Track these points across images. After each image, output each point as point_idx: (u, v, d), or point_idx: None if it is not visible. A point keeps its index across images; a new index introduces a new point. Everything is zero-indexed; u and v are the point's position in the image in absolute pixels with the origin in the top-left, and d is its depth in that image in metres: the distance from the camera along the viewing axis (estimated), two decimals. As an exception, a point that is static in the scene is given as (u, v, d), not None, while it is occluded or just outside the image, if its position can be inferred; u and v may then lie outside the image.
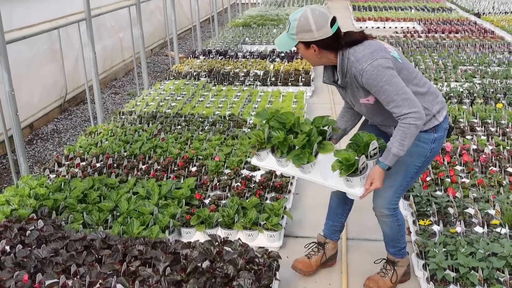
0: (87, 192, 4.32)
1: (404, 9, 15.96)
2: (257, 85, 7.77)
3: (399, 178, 3.12)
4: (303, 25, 2.86)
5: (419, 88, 2.99)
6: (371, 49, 2.87)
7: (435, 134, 3.06)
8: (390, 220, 3.27)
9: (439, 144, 3.11)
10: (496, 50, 9.77)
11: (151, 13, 11.65)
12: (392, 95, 2.81)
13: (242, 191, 4.36)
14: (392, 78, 2.81)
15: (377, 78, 2.80)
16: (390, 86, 2.80)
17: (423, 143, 3.04)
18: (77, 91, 8.37)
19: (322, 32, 2.86)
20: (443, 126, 3.09)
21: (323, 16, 2.87)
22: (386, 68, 2.81)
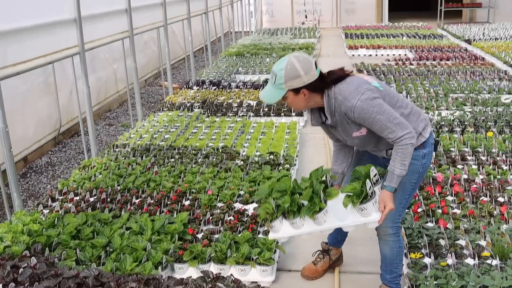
0: (81, 228, 4.33)
1: (396, 36, 16.13)
2: (250, 116, 7.83)
3: (399, 196, 3.24)
4: (291, 73, 2.97)
5: (403, 110, 3.14)
6: (355, 85, 3.02)
7: (424, 150, 3.21)
8: (393, 240, 3.39)
9: (429, 159, 3.26)
10: (486, 77, 9.88)
11: (145, 44, 11.76)
12: (385, 123, 2.96)
13: (235, 225, 4.38)
14: (382, 107, 2.96)
15: (368, 111, 2.94)
16: (381, 116, 2.95)
17: (414, 160, 3.16)
18: (72, 123, 8.41)
19: (310, 75, 3.00)
20: (429, 141, 3.24)
21: (307, 61, 3.02)
22: (373, 99, 2.96)
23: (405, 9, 25.39)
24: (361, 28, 18.63)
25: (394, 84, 9.46)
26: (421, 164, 3.22)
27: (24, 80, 6.94)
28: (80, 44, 6.23)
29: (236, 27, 17.70)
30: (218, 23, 14.94)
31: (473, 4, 21.49)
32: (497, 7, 20.61)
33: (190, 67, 11.62)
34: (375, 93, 3.00)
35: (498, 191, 4.94)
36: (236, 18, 17.73)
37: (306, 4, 21.12)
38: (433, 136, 3.31)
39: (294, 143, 6.49)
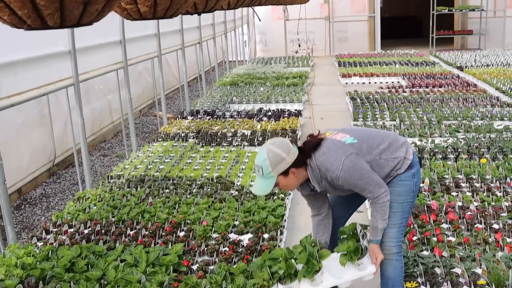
0: (75, 260, 4.31)
1: (389, 64, 16.27)
2: (244, 146, 7.85)
3: (399, 216, 3.41)
4: (275, 159, 3.15)
5: (381, 146, 3.37)
6: (334, 155, 3.22)
7: (412, 170, 3.41)
8: (396, 259, 3.50)
9: (418, 176, 3.46)
10: (479, 104, 9.95)
11: (139, 74, 11.83)
12: (365, 186, 3.23)
13: (230, 256, 4.37)
14: (362, 171, 3.21)
15: (350, 179, 3.20)
16: (361, 181, 3.21)
17: (406, 181, 3.40)
18: (66, 154, 8.41)
19: (292, 154, 3.19)
20: (414, 160, 3.45)
21: (284, 143, 3.24)
22: (354, 165, 3.19)
23: (397, 37, 25.62)
24: (354, 56, 18.79)
25: (388, 112, 9.52)
26: (413, 183, 3.42)
27: (19, 111, 6.96)
28: (75, 76, 6.27)
29: (230, 56, 17.83)
30: (212, 53, 15.06)
31: (464, 31, 21.71)
32: (488, 34, 20.84)
33: (184, 97, 11.67)
34: (353, 156, 3.21)
35: (492, 218, 4.95)
36: (230, 47, 17.87)
37: (299, 33, 21.30)
38: (416, 154, 3.51)
39: (288, 172, 6.49)
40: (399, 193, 3.39)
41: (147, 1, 1.93)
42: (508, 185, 5.77)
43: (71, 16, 1.29)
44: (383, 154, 3.35)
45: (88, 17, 1.35)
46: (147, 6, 1.96)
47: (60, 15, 1.26)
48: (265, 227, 4.95)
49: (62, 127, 8.19)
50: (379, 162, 3.34)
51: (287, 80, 13.38)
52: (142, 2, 1.94)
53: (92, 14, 1.34)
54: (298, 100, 11.00)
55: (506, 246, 4.33)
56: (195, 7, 2.59)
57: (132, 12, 2.00)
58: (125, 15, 2.09)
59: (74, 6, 1.27)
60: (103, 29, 7.63)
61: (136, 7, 1.96)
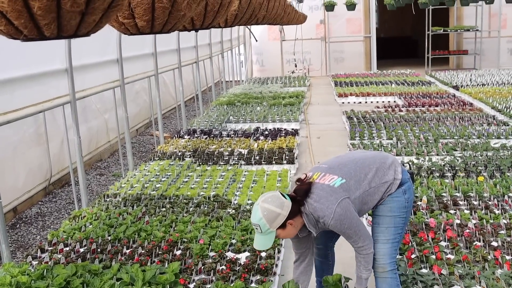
0: (70, 279, 4.26)
1: (385, 83, 16.32)
2: (241, 165, 7.83)
3: (391, 231, 3.47)
4: (271, 216, 3.20)
5: (369, 175, 3.41)
6: (326, 202, 3.25)
7: (403, 187, 3.45)
8: (391, 277, 3.52)
9: (410, 192, 3.50)
10: (475, 122, 9.98)
11: (136, 94, 11.84)
12: (352, 235, 3.32)
13: (227, 275, 4.33)
14: (351, 221, 3.27)
15: (340, 227, 3.27)
16: (350, 230, 3.29)
17: (397, 198, 3.45)
18: (62, 173, 8.37)
19: (286, 207, 3.23)
20: (404, 177, 3.48)
21: (275, 198, 3.27)
22: (345, 213, 3.24)
23: (393, 57, 25.76)
24: (350, 76, 18.86)
25: (384, 131, 9.53)
26: (405, 199, 3.46)
27: (15, 130, 6.95)
28: (71, 93, 6.26)
29: (226, 76, 17.89)
30: (209, 73, 15.10)
31: (459, 51, 21.85)
32: (483, 54, 20.99)
33: (181, 116, 11.67)
34: (344, 203, 3.25)
35: (491, 235, 4.92)
36: (227, 67, 17.93)
37: (296, 54, 21.41)
38: (406, 171, 3.56)
39: (285, 191, 6.48)
40: (391, 209, 3.44)
41: (145, 15, 1.93)
42: (506, 202, 5.76)
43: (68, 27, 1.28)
44: (372, 183, 3.39)
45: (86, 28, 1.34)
46: (144, 21, 1.96)
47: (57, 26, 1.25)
48: (262, 246, 4.91)
49: (59, 146, 8.17)
50: (369, 191, 3.39)
51: (284, 99, 13.40)
52: (140, 16, 1.94)
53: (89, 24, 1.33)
54: (294, 119, 11.01)
55: (506, 263, 4.31)
56: (192, 23, 2.59)
57: (130, 26, 2.00)
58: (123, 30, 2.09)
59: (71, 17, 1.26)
60: (100, 48, 7.66)
61: (134, 22, 1.96)
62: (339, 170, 3.41)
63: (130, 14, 1.91)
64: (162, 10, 1.92)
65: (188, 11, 1.99)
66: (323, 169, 3.46)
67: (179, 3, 1.94)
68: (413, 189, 3.55)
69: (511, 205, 5.68)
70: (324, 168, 3.47)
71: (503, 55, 21.05)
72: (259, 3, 4.17)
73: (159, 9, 1.90)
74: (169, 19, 1.97)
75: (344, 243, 3.96)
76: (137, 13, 1.90)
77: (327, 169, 3.44)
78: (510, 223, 5.17)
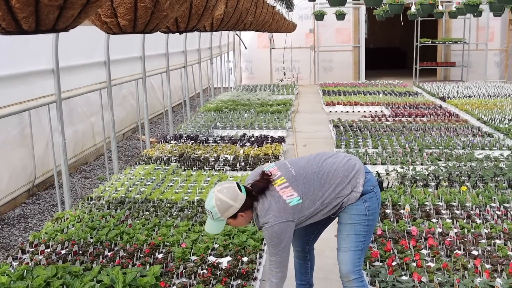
0: (50, 280, 4.24)
1: (372, 93, 16.41)
2: (226, 170, 7.84)
3: (352, 239, 3.46)
4: (223, 206, 3.26)
5: (326, 193, 3.42)
6: (273, 215, 3.29)
7: (364, 197, 3.45)
8: (356, 285, 3.50)
9: (373, 201, 3.48)
10: (460, 133, 10.06)
11: (123, 98, 11.81)
12: (272, 255, 3.35)
13: (208, 279, 4.33)
14: (280, 243, 3.30)
15: (268, 239, 3.33)
16: (274, 249, 3.32)
17: (357, 206, 3.44)
18: (47, 175, 8.33)
19: (239, 200, 3.27)
20: (367, 189, 3.47)
21: (232, 190, 3.30)
22: (280, 234, 3.28)
23: (382, 68, 25.92)
24: (338, 85, 18.93)
25: (370, 140, 9.58)
26: (365, 208, 3.45)
27: (0, 131, 6.91)
28: (57, 93, 6.24)
29: (215, 83, 17.91)
30: (197, 79, 15.11)
31: (447, 63, 22.04)
32: (470, 66, 21.18)
33: (168, 121, 11.67)
34: (285, 226, 3.29)
35: (472, 244, 4.96)
36: (216, 74, 17.95)
37: (285, 62, 21.47)
38: (371, 180, 3.53)
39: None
40: (350, 217, 3.45)
41: (127, 14, 1.94)
42: (488, 212, 5.81)
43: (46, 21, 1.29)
44: (326, 200, 3.41)
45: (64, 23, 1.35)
46: (127, 20, 1.97)
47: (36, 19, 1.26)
48: (244, 250, 4.92)
49: (43, 148, 8.13)
50: (321, 207, 3.43)
51: (272, 107, 13.43)
52: (122, 15, 1.95)
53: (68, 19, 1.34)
54: (281, 127, 11.04)
55: (485, 272, 4.34)
56: (176, 25, 2.61)
57: (112, 25, 2.01)
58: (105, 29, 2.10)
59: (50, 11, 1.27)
60: (88, 49, 7.66)
61: (116, 21, 1.97)
62: (302, 185, 3.38)
63: (113, 13, 1.93)
64: (144, 10, 1.93)
65: (170, 12, 2.00)
66: (289, 176, 3.42)
67: (162, 3, 1.95)
68: (377, 198, 3.53)
69: (492, 215, 5.73)
70: (291, 175, 3.43)
71: (490, 67, 21.26)
72: (246, 8, 4.19)
73: (141, 8, 1.92)
74: (151, 19, 1.98)
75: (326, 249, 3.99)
76: (119, 12, 1.92)
77: (292, 179, 3.41)
78: (491, 232, 5.22)
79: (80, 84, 7.33)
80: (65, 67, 6.58)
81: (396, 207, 6.05)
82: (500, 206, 5.94)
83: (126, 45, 9.03)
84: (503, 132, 10.10)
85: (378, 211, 3.57)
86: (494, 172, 7.11)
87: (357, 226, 3.44)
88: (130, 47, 9.40)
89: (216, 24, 3.57)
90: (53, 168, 6.94)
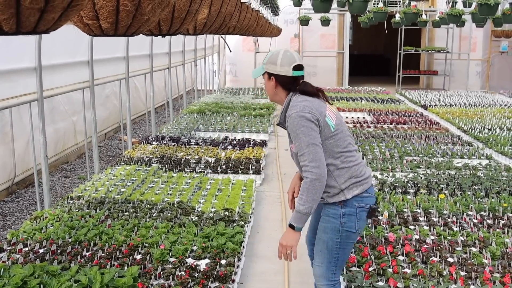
0: (27, 279, 4.22)
1: (355, 99, 16.51)
2: (207, 173, 7.85)
3: (325, 255, 3.36)
4: (272, 58, 3.36)
5: (344, 157, 3.30)
6: (308, 104, 3.24)
7: (343, 209, 3.29)
8: None
9: (351, 220, 3.30)
10: (440, 141, 10.16)
11: (106, 98, 11.79)
12: (303, 144, 3.15)
13: (186, 281, 4.34)
14: (310, 131, 3.15)
15: (296, 126, 3.18)
16: (304, 137, 3.15)
17: (332, 218, 3.31)
18: (27, 173, 8.29)
19: (283, 69, 3.31)
20: (353, 203, 3.29)
21: (290, 58, 3.34)
22: (307, 120, 3.16)
23: (365, 74, 26.09)
24: (321, 90, 18.98)
25: (351, 146, 9.64)
26: (340, 223, 3.29)
27: (-20, 128, 6.88)
28: (39, 91, 6.21)
29: (199, 85, 17.89)
30: (181, 80, 15.10)
31: (429, 71, 22.25)
32: (452, 75, 21.40)
33: (151, 122, 11.65)
34: (314, 119, 3.18)
35: (448, 251, 5.02)
36: (200, 76, 17.94)
37: (269, 66, 21.51)
38: (364, 200, 3.35)
39: (250, 200, 6.52)
40: (324, 230, 3.34)
41: (109, 17, 1.96)
42: (465, 220, 5.88)
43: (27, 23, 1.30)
44: (338, 159, 3.28)
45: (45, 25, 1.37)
46: (108, 23, 1.99)
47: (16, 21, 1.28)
48: (223, 253, 4.94)
49: (24, 146, 8.09)
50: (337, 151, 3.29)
51: (254, 110, 13.47)
52: (104, 18, 1.97)
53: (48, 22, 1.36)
54: (264, 131, 11.07)
55: (460, 279, 4.40)
56: (159, 28, 2.63)
57: (94, 27, 2.02)
58: (87, 30, 2.11)
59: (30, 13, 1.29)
60: (72, 49, 7.63)
61: (98, 23, 1.99)
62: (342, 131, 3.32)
63: (95, 15, 1.94)
64: (126, 13, 1.95)
65: (152, 15, 2.03)
66: (339, 115, 3.41)
67: (144, 7, 1.98)
68: (358, 222, 3.34)
69: (469, 223, 5.80)
70: (340, 118, 3.40)
71: (471, 77, 21.52)
72: (229, 13, 4.22)
73: (123, 12, 1.94)
74: (133, 22, 2.00)
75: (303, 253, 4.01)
76: (101, 15, 1.93)
77: (340, 119, 3.37)
78: (467, 240, 5.29)
79: (63, 83, 7.30)
80: (48, 65, 6.55)
81: (374, 213, 6.09)
82: (477, 215, 6.03)
83: (110, 45, 9.01)
84: (482, 142, 10.22)
85: (355, 235, 3.37)
86: (472, 181, 7.20)
87: (329, 242, 3.33)
88: (114, 47, 9.38)
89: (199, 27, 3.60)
90: (33, 167, 6.91)
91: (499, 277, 4.46)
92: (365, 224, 3.42)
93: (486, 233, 5.48)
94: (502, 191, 6.87)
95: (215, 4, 3.52)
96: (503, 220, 5.89)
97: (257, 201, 6.93)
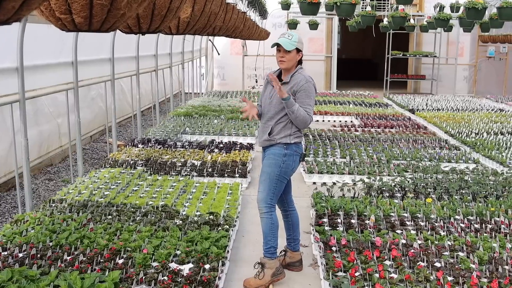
0: (5, 284, 4.11)
1: (343, 103, 16.49)
2: (193, 176, 7.75)
3: (267, 183, 4.62)
4: (300, 39, 4.72)
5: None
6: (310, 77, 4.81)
7: (286, 150, 4.65)
8: (266, 217, 4.60)
9: (290, 160, 4.66)
10: (428, 146, 10.14)
11: (92, 100, 11.65)
12: (311, 102, 4.72)
13: (168, 286, 4.25)
14: (313, 96, 4.78)
15: (309, 89, 4.71)
16: (312, 97, 4.76)
17: (276, 156, 4.64)
18: (10, 176, 8.14)
19: (303, 48, 4.77)
20: (293, 148, 4.68)
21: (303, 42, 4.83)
22: (314, 89, 4.80)
23: (353, 78, 26.09)
24: (309, 94, 18.95)
25: (339, 149, 9.60)
26: (282, 160, 4.62)
27: (-39, 130, 6.74)
28: (21, 92, 6.09)
29: (186, 88, 17.78)
30: (168, 83, 14.99)
31: (417, 76, 22.30)
32: (440, 80, 21.46)
33: (137, 125, 11.54)
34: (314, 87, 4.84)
35: (435, 256, 4.96)
36: (187, 79, 17.84)
37: (257, 69, 21.47)
38: (300, 148, 4.77)
39: (235, 204, 6.44)
40: (269, 165, 4.64)
41: (82, 11, 1.87)
42: (452, 224, 5.84)
43: (-16, 12, 1.22)
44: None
45: (4, 15, 1.27)
46: (82, 17, 1.90)
47: (-27, 10, 1.19)
48: (207, 258, 4.85)
49: (7, 148, 7.95)
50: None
51: (242, 114, 13.36)
52: (77, 12, 1.88)
53: (8, 11, 1.27)
54: (251, 134, 10.99)
55: (447, 284, 4.34)
56: (139, 26, 2.54)
57: (67, 22, 1.93)
58: (60, 25, 2.02)
59: (-12, 2, 1.20)
60: (55, 49, 7.51)
61: (71, 17, 1.90)
62: None
63: (67, 9, 1.85)
64: (100, 7, 1.86)
65: (128, 10, 1.94)
66: None
67: (119, 1, 1.89)
68: (294, 162, 4.69)
69: (456, 227, 5.75)
70: None
71: (459, 82, 21.58)
72: (214, 13, 4.14)
73: (97, 6, 1.85)
74: (107, 17, 1.91)
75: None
76: (74, 9, 1.85)
77: None
78: (454, 245, 5.24)
79: (46, 84, 7.19)
80: (30, 66, 6.44)
81: (361, 217, 6.04)
82: (464, 219, 5.98)
83: (95, 46, 8.90)
84: (469, 146, 10.22)
85: (290, 172, 4.70)
86: (459, 185, 7.16)
87: (272, 174, 4.59)
88: (99, 48, 9.27)
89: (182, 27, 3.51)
90: (15, 169, 6.78)
91: (487, 282, 4.40)
92: (298, 165, 4.76)
93: (473, 237, 5.43)
94: (490, 195, 6.84)
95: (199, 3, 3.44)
96: (490, 225, 5.85)
97: (243, 205, 6.85)
